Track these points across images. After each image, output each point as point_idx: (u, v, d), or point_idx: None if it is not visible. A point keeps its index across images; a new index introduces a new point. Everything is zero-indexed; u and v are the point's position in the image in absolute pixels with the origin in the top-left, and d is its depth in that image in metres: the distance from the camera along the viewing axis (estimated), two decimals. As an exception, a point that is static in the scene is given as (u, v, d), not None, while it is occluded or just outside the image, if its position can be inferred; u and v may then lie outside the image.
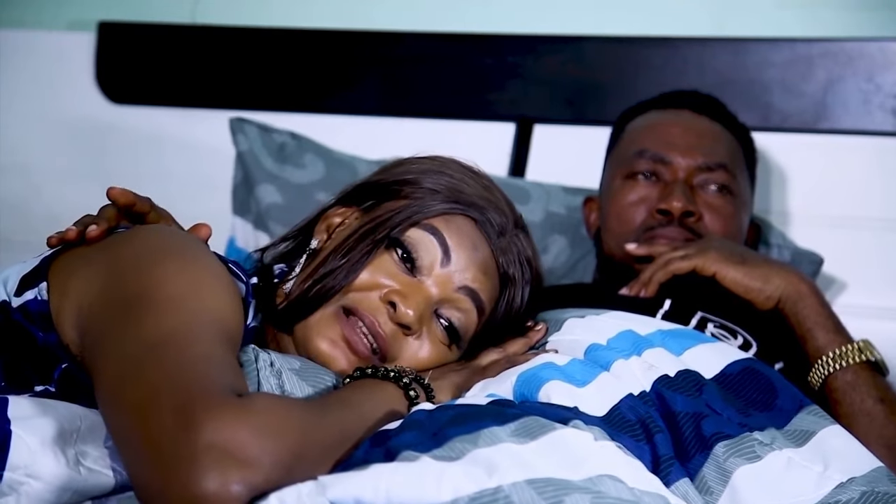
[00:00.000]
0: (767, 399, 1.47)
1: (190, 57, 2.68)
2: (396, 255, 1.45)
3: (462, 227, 1.49)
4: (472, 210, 1.50)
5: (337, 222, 1.52)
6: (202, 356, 1.14)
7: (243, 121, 2.45)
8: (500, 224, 1.51)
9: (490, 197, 1.53)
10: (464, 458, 1.13)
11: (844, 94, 2.35)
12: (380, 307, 1.43)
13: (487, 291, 1.49)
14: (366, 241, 1.45)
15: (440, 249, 1.46)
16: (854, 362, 1.75)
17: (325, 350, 1.42)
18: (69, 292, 1.27)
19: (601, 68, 2.48)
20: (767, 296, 1.82)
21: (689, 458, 1.36)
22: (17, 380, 1.29)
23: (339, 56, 2.60)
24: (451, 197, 1.50)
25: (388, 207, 1.49)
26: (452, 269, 1.46)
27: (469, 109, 2.54)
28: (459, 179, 1.53)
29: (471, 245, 1.48)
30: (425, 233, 1.46)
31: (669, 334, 1.54)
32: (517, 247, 1.53)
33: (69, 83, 2.70)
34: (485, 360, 1.51)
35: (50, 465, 1.19)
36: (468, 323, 1.48)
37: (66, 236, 1.35)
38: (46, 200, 2.63)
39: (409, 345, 1.45)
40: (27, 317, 1.28)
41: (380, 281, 1.44)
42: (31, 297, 1.29)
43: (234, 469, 1.04)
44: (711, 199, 2.01)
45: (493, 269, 1.50)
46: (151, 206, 1.46)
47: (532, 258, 1.55)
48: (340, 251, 1.45)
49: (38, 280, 1.30)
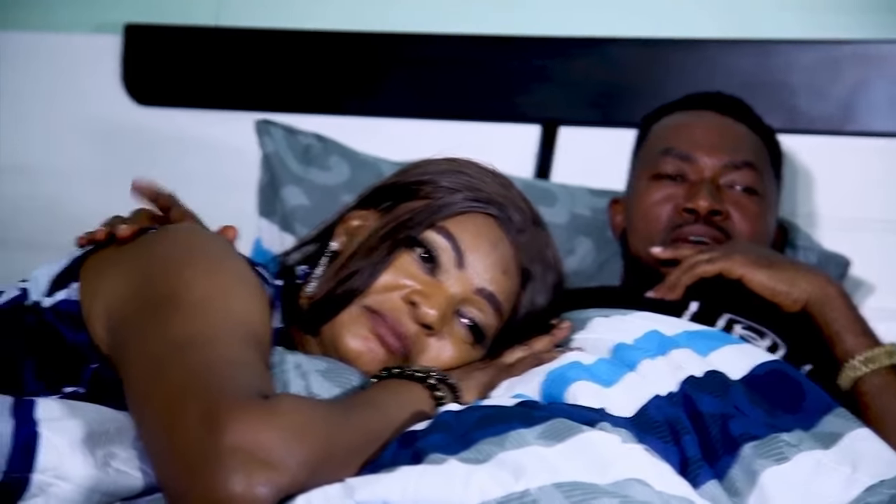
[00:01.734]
0: (795, 401, 1.46)
1: (215, 59, 2.68)
2: (416, 255, 1.45)
3: (480, 227, 1.49)
4: (492, 207, 1.50)
5: (356, 224, 1.53)
6: (228, 358, 1.15)
7: (269, 123, 2.45)
8: (520, 221, 1.51)
9: (508, 195, 1.53)
10: (491, 461, 1.13)
11: (872, 96, 2.34)
12: (402, 307, 1.43)
13: (506, 292, 1.49)
14: (386, 242, 1.45)
15: (454, 253, 1.46)
16: (883, 365, 1.74)
17: (355, 347, 1.41)
18: (99, 293, 1.28)
19: (627, 70, 2.48)
20: (794, 299, 1.81)
21: (717, 458, 1.35)
22: (46, 381, 1.29)
23: (363, 58, 2.60)
24: (470, 195, 1.50)
25: (407, 208, 1.49)
26: (469, 271, 1.46)
27: (494, 111, 2.54)
28: (478, 178, 1.53)
29: (489, 244, 1.48)
30: (440, 236, 1.46)
31: (696, 335, 1.53)
32: (537, 243, 1.53)
33: (96, 85, 2.71)
34: (510, 357, 1.50)
35: (79, 466, 1.19)
36: (489, 323, 1.48)
37: (95, 237, 1.36)
38: (73, 202, 2.63)
39: (432, 345, 1.45)
40: (59, 317, 1.29)
41: (401, 281, 1.44)
42: (63, 297, 1.30)
43: (259, 471, 1.05)
44: (738, 198, 2.00)
45: (513, 266, 1.50)
46: (175, 203, 1.47)
47: (553, 254, 1.55)
48: (362, 252, 1.45)
49: (70, 280, 1.31)
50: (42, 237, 2.60)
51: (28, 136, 2.73)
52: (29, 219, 2.67)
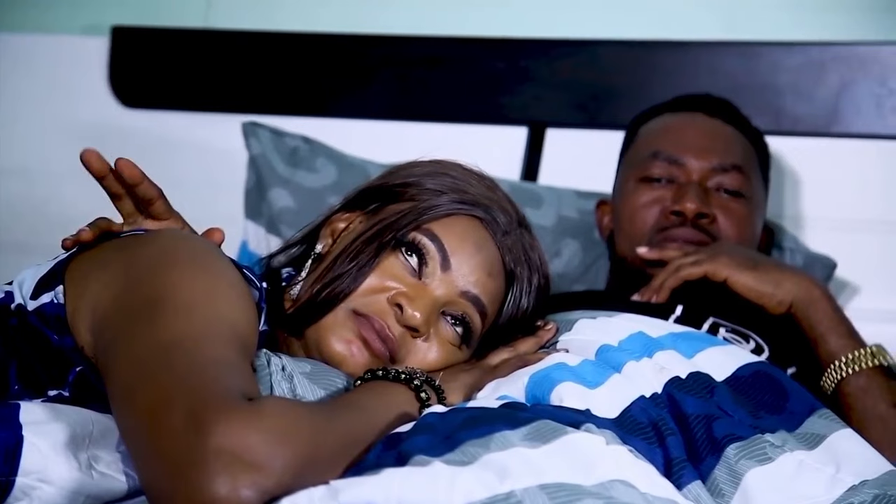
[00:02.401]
0: (779, 402, 1.47)
1: (203, 61, 2.68)
2: (402, 257, 1.46)
3: (466, 229, 1.49)
4: (477, 209, 1.50)
5: (342, 227, 1.53)
6: (213, 360, 1.15)
7: (256, 125, 2.45)
8: (505, 223, 1.52)
9: (494, 196, 1.54)
10: (476, 463, 1.13)
11: (857, 98, 2.35)
12: (387, 310, 1.44)
13: (491, 294, 1.49)
14: (372, 244, 1.46)
15: (439, 256, 1.46)
16: (867, 367, 1.74)
17: (340, 350, 1.42)
18: (85, 295, 1.27)
19: (613, 72, 2.48)
20: (779, 301, 1.82)
21: (701, 460, 1.35)
22: (30, 384, 1.29)
23: (350, 60, 2.61)
24: (455, 197, 1.50)
25: (393, 210, 1.50)
26: (454, 273, 1.47)
27: (481, 113, 2.54)
28: (463, 180, 1.53)
29: (474, 246, 1.48)
30: (425, 238, 1.47)
31: (681, 337, 1.54)
32: (523, 245, 1.53)
33: (83, 87, 2.71)
34: (495, 359, 1.51)
35: (62, 469, 1.19)
36: (477, 324, 1.48)
37: (80, 238, 1.36)
38: (61, 204, 2.63)
39: (418, 347, 1.45)
40: (43, 320, 1.29)
41: (386, 284, 1.45)
42: (48, 300, 1.29)
43: (244, 473, 1.04)
44: (725, 201, 2.01)
45: (498, 267, 1.50)
46: (160, 195, 1.46)
47: (538, 256, 1.55)
48: (347, 255, 1.45)
49: (55, 283, 1.30)
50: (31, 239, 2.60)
51: (16, 138, 2.73)
52: (17, 220, 2.67)
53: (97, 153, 1.43)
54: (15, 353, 1.30)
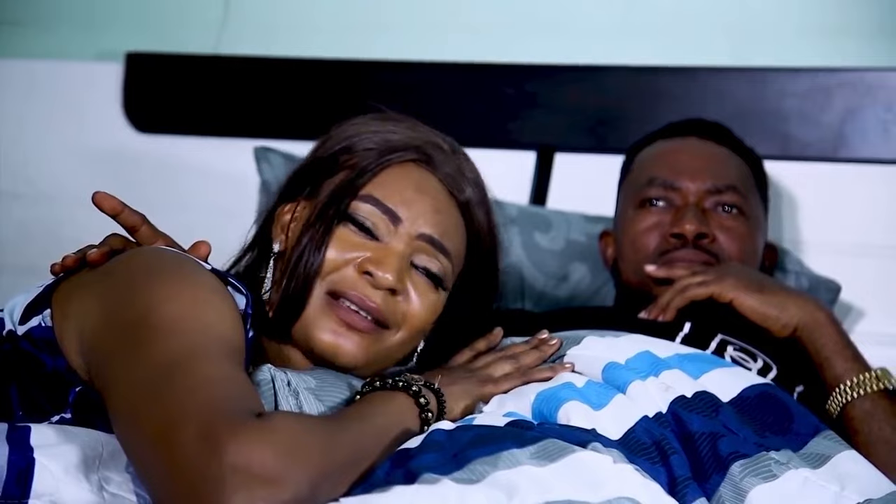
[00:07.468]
0: (784, 423, 1.47)
1: (216, 86, 2.70)
2: (352, 227, 1.47)
3: (402, 176, 1.51)
4: (408, 152, 1.52)
5: (288, 219, 1.53)
6: (215, 377, 1.15)
7: (268, 150, 2.47)
8: (438, 156, 1.53)
9: (419, 134, 1.55)
10: (484, 481, 1.14)
11: (863, 124, 2.36)
12: (359, 280, 1.45)
13: (447, 228, 1.51)
14: (320, 223, 1.46)
15: (385, 215, 1.48)
16: (872, 391, 1.74)
17: (329, 341, 1.44)
18: (69, 316, 1.27)
19: (622, 97, 2.50)
20: (784, 324, 1.83)
21: (707, 478, 1.36)
22: (32, 411, 1.29)
23: (360, 85, 2.62)
24: (383, 149, 1.51)
25: (330, 185, 1.51)
26: (406, 224, 1.48)
27: (490, 138, 2.55)
28: (386, 129, 1.54)
29: (415, 191, 1.50)
30: (366, 204, 1.48)
31: (687, 358, 1.55)
32: (461, 169, 1.55)
33: (97, 113, 2.73)
34: (497, 370, 1.52)
35: (73, 491, 1.19)
36: (443, 265, 1.50)
37: (65, 263, 1.36)
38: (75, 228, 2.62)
39: (400, 304, 1.47)
40: (34, 344, 1.29)
41: (348, 255, 1.46)
42: (36, 323, 1.29)
43: (260, 489, 1.05)
44: (724, 221, 2.01)
45: (445, 201, 1.52)
46: (143, 221, 1.47)
47: (472, 169, 1.57)
48: (302, 242, 1.46)
49: (42, 307, 1.30)
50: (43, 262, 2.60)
51: (30, 163, 2.75)
52: (30, 244, 2.68)
53: (105, 194, 1.45)
54: (13, 377, 1.29)
